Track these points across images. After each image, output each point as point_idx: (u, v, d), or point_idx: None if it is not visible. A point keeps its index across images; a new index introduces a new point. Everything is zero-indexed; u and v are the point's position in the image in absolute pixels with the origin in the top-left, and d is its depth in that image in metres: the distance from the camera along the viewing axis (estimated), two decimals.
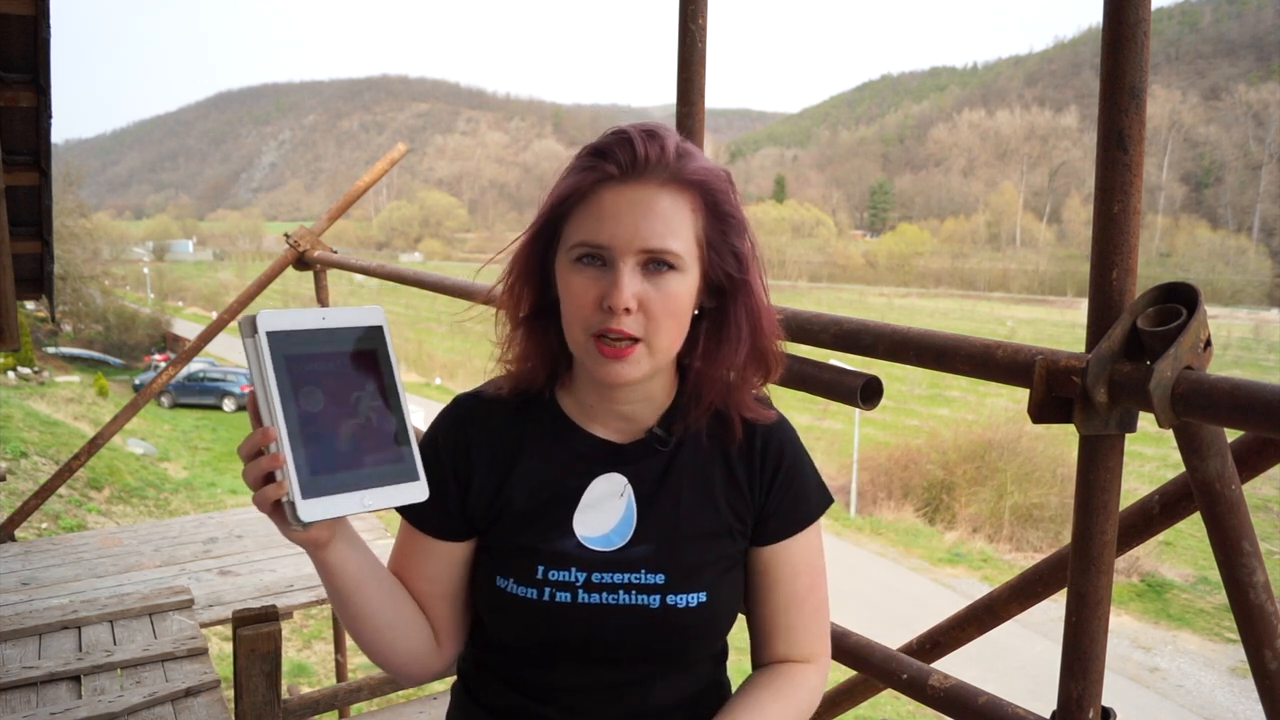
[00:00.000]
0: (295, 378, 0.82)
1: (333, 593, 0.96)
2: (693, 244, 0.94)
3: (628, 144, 0.93)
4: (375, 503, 0.85)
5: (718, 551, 1.02)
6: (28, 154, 4.21)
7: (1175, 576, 15.04)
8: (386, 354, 0.88)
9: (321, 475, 0.82)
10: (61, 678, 2.63)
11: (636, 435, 1.04)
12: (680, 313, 0.94)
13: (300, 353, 0.83)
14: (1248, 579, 1.18)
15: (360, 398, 0.86)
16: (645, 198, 0.92)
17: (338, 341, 0.86)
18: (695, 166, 0.94)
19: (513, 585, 0.98)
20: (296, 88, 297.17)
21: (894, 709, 9.86)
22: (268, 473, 0.82)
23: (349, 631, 1.00)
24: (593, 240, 0.92)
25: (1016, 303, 66.42)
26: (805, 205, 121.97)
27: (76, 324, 35.26)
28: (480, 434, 1.04)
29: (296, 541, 0.88)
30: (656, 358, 0.95)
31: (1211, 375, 1.00)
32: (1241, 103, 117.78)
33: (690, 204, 0.94)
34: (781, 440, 1.06)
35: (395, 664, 1.03)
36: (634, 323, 0.92)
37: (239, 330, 0.84)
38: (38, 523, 10.51)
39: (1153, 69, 7.63)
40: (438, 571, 1.05)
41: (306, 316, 0.85)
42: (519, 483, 1.02)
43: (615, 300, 0.90)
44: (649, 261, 0.92)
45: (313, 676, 8.97)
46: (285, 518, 0.83)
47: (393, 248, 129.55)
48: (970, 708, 1.34)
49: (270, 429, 0.81)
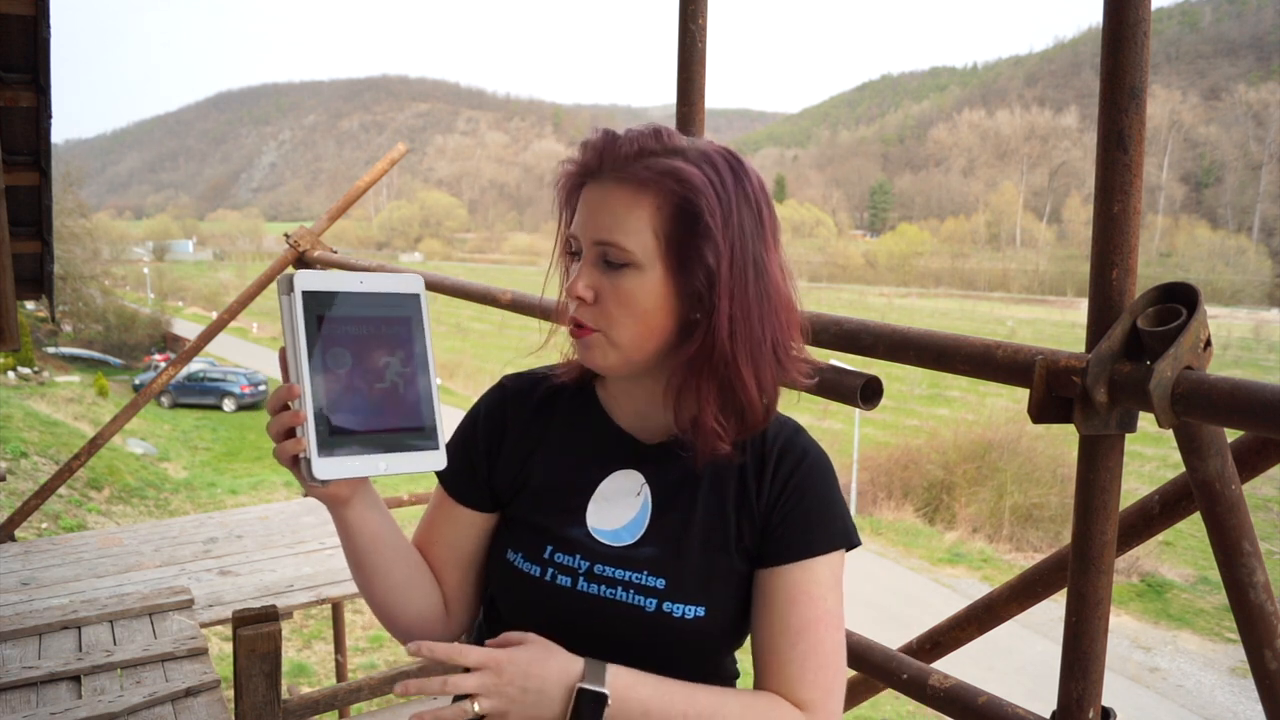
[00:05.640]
0: (326, 338, 0.84)
1: (348, 550, 0.99)
2: (650, 241, 0.92)
3: (588, 144, 0.97)
4: (392, 467, 0.86)
5: (725, 567, 0.99)
6: (28, 154, 4.21)
7: (1175, 576, 15.03)
8: (421, 323, 0.89)
9: (341, 435, 0.84)
10: (61, 678, 2.63)
11: (661, 437, 1.03)
12: (638, 310, 0.93)
13: (334, 314, 0.84)
14: (1248, 579, 1.18)
15: (389, 363, 0.87)
16: (601, 193, 0.95)
17: (373, 306, 0.87)
18: (656, 164, 0.92)
19: (521, 560, 1.01)
20: (296, 88, 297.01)
21: (894, 709, 9.85)
22: (289, 428, 0.84)
23: (360, 589, 1.03)
24: (571, 232, 0.99)
25: (1016, 303, 66.37)
26: (805, 205, 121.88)
27: (76, 324, 35.21)
28: (518, 412, 1.08)
29: (316, 497, 0.91)
30: (621, 349, 0.95)
31: (1211, 375, 1.00)
32: (1241, 103, 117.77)
33: (650, 202, 0.92)
34: (798, 460, 1.01)
35: (401, 624, 1.05)
36: (588, 313, 0.96)
37: (276, 287, 0.85)
38: (38, 523, 10.52)
39: (1153, 69, 7.64)
40: (458, 538, 1.07)
41: (344, 279, 0.86)
42: (542, 461, 1.05)
43: (571, 288, 0.96)
44: (603, 256, 0.95)
45: (313, 676, 8.97)
46: (303, 473, 0.85)
47: (393, 248, 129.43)
48: (970, 708, 1.34)
49: (295, 385, 0.83)
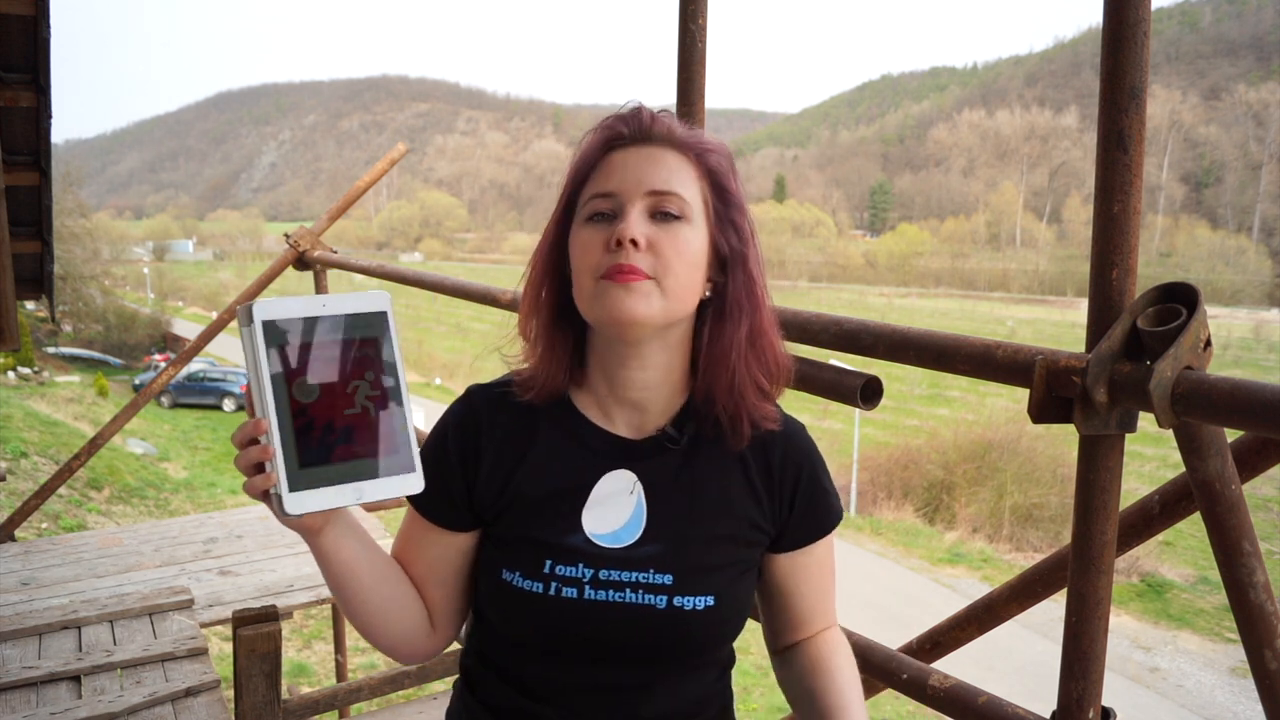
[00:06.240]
0: (290, 368, 0.81)
1: (327, 576, 0.97)
2: (699, 200, 0.98)
3: (637, 114, 1.00)
4: (367, 495, 0.84)
5: (730, 556, 1.00)
6: (28, 154, 4.21)
7: (1175, 576, 15.03)
8: (390, 341, 0.86)
9: (312, 468, 0.82)
10: (61, 678, 2.64)
11: (648, 432, 1.03)
12: (691, 259, 0.95)
13: (297, 342, 0.82)
14: (1248, 579, 1.18)
15: (359, 387, 0.84)
16: (653, 152, 0.97)
17: (338, 329, 0.84)
18: (701, 137, 1.01)
19: (519, 579, 0.97)
20: (296, 88, 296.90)
21: (894, 709, 9.85)
22: (259, 462, 0.82)
23: (343, 610, 1.01)
24: (602, 189, 0.96)
25: (1016, 303, 66.35)
26: (805, 205, 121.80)
27: (76, 324, 35.21)
28: (491, 425, 1.03)
29: (289, 527, 0.89)
30: (668, 301, 0.94)
31: (1211, 375, 1.00)
32: (1241, 103, 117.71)
33: (695, 168, 0.99)
34: (800, 453, 1.05)
35: (386, 644, 1.04)
36: (644, 259, 0.93)
37: (237, 319, 0.83)
38: (38, 523, 10.51)
39: (1153, 69, 7.63)
40: (438, 559, 1.05)
41: (306, 304, 0.83)
42: (528, 475, 1.01)
43: (624, 231, 0.92)
44: (656, 210, 0.95)
45: (313, 676, 8.96)
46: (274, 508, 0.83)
47: (393, 248, 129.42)
48: (970, 708, 1.34)
49: (261, 420, 0.81)
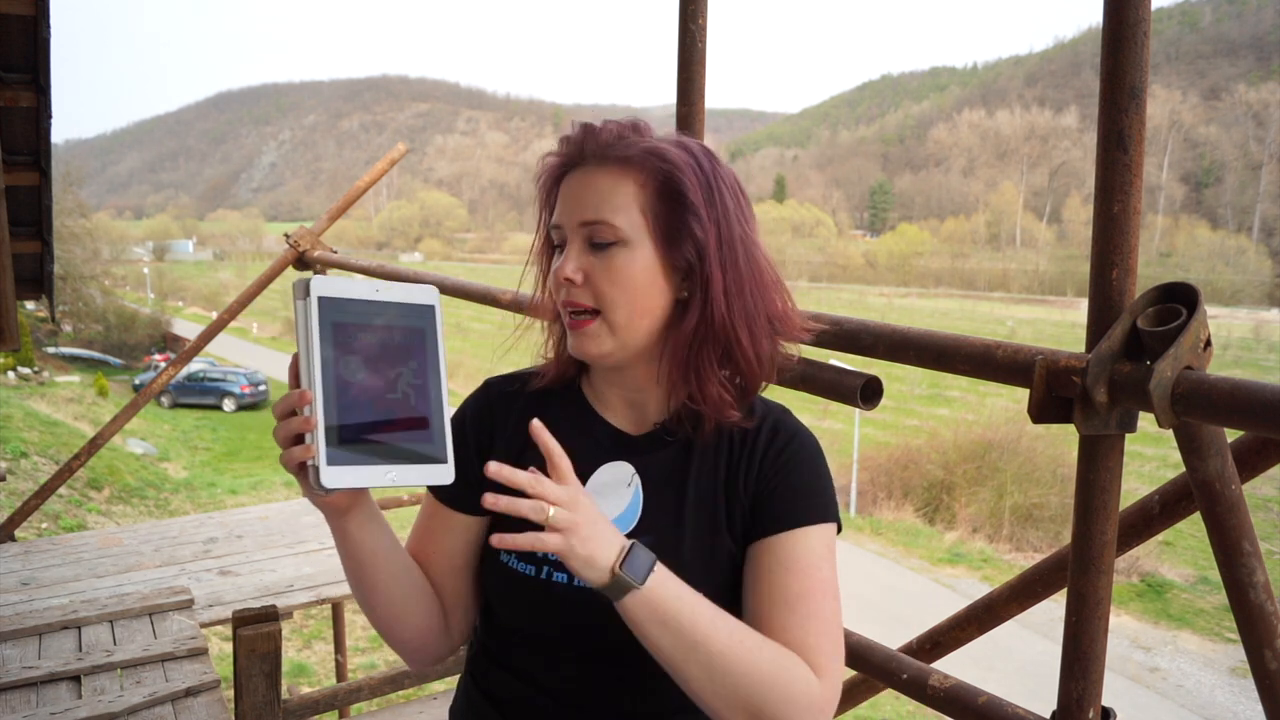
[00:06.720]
0: (339, 346, 0.83)
1: (347, 562, 0.98)
2: (637, 217, 0.96)
3: (569, 138, 1.01)
4: (399, 479, 0.85)
5: (721, 550, 1.01)
6: (28, 154, 4.21)
7: (1175, 576, 15.02)
8: (434, 334, 0.89)
9: (349, 445, 0.83)
10: (61, 678, 2.64)
11: (648, 427, 1.06)
12: (632, 287, 0.96)
13: (348, 321, 0.84)
14: (1248, 579, 1.18)
15: (401, 374, 0.86)
16: (584, 177, 0.99)
17: (388, 316, 0.86)
18: (638, 143, 0.98)
19: (514, 560, 1.01)
20: (296, 88, 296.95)
21: (894, 709, 9.85)
22: (298, 434, 0.83)
23: (360, 603, 1.02)
24: (554, 220, 1.01)
25: (1016, 303, 66.32)
26: (805, 205, 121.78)
27: (76, 324, 35.19)
28: (505, 414, 1.09)
29: (317, 505, 0.90)
30: (619, 335, 0.97)
31: (1211, 375, 1.00)
32: (1241, 103, 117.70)
33: (634, 180, 0.97)
34: (788, 438, 1.04)
35: (401, 638, 1.05)
36: (583, 294, 0.98)
37: (292, 291, 0.84)
38: (38, 523, 10.51)
39: (1153, 69, 7.64)
40: (454, 545, 1.07)
41: (361, 286, 0.85)
42: (531, 460, 1.02)
43: (559, 270, 0.98)
44: (591, 237, 0.97)
45: (313, 676, 8.96)
46: (309, 480, 0.84)
47: (393, 248, 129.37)
48: (970, 708, 1.34)
49: (307, 391, 0.82)
